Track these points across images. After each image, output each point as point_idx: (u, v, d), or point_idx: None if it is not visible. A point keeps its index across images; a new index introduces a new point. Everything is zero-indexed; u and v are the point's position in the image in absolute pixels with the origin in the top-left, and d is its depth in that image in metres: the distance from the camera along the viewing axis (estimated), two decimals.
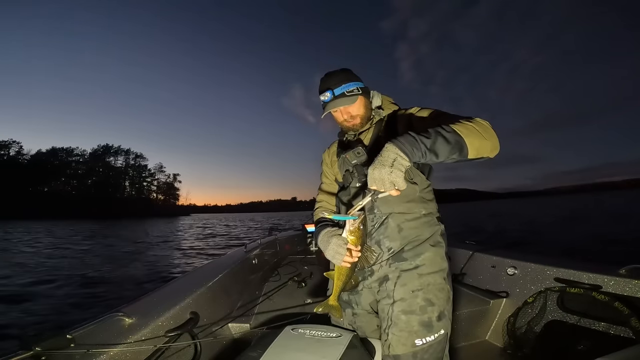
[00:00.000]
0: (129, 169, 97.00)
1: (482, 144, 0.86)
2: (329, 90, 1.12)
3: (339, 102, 1.11)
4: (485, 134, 0.87)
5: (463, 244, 2.67)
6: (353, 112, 1.16)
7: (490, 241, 10.31)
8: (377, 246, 1.11)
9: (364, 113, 1.17)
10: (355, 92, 1.13)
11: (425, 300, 1.00)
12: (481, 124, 0.89)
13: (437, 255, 1.09)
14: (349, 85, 1.13)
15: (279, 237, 3.87)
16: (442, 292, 1.04)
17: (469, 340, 2.02)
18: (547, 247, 10.19)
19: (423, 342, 0.97)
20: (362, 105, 1.16)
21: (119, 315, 1.28)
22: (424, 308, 0.99)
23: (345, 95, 1.12)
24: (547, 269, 1.89)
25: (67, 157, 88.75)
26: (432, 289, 1.02)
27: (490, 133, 0.89)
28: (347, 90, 1.12)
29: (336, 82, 1.13)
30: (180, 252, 11.72)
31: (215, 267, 2.24)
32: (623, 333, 1.47)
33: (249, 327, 1.86)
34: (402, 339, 0.98)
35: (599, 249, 8.97)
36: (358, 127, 1.19)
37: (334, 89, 1.12)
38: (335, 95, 1.12)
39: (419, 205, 1.12)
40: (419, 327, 0.98)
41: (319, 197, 1.40)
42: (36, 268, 8.16)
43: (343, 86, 1.12)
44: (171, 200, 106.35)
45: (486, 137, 0.87)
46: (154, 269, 8.19)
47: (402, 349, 0.98)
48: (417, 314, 0.99)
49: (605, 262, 1.79)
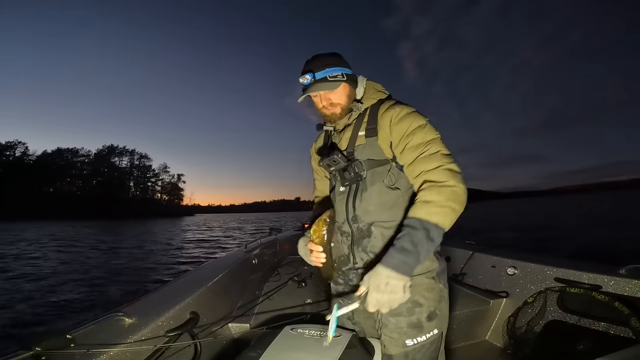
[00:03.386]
0: (133, 170, 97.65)
1: (452, 218, 0.87)
2: (310, 72, 1.02)
3: (319, 87, 1.01)
4: (459, 206, 0.86)
5: (463, 244, 2.66)
6: (334, 99, 1.05)
7: (491, 241, 10.24)
8: (364, 253, 1.07)
9: (345, 102, 1.06)
10: (339, 78, 1.03)
11: (412, 302, 0.98)
12: (454, 193, 0.86)
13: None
14: (333, 69, 1.02)
15: (279, 237, 3.87)
16: (431, 292, 1.01)
17: (469, 340, 2.02)
18: (547, 247, 10.12)
19: (414, 342, 0.97)
20: (344, 94, 1.05)
21: (119, 315, 1.29)
22: (411, 309, 0.98)
23: (327, 80, 1.01)
24: (547, 269, 1.89)
25: (73, 157, 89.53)
26: (419, 290, 1.00)
27: (461, 200, 0.87)
28: (330, 75, 1.02)
29: (320, 65, 1.02)
30: (181, 252, 11.79)
31: (215, 267, 2.25)
32: (623, 333, 1.46)
33: (249, 327, 1.86)
34: (393, 340, 0.99)
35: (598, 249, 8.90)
36: (337, 116, 1.08)
37: (316, 72, 1.01)
38: (316, 79, 1.01)
39: (402, 212, 1.02)
40: (408, 329, 0.97)
41: (315, 192, 1.38)
42: (42, 270, 8.26)
43: (326, 70, 1.02)
44: (175, 201, 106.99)
45: (458, 209, 0.86)
46: (154, 269, 8.26)
47: (395, 349, 0.98)
48: (405, 316, 0.98)
49: (605, 262, 1.78)
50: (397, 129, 0.98)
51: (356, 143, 1.06)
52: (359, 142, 1.06)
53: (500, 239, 12.55)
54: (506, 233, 14.99)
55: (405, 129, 0.97)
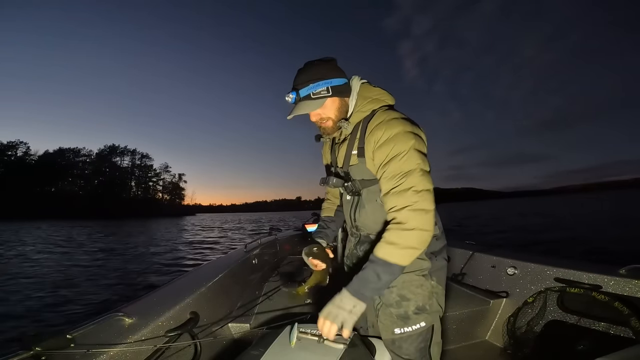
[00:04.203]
0: (135, 169, 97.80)
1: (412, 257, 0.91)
2: (293, 91, 1.01)
3: (303, 107, 1.01)
4: (420, 246, 0.90)
5: (463, 244, 2.66)
6: (323, 114, 1.04)
7: (491, 241, 10.22)
8: (365, 251, 1.18)
9: (335, 115, 1.06)
10: (323, 94, 1.00)
11: (399, 296, 1.08)
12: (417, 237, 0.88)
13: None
14: (317, 84, 0.99)
15: (279, 237, 3.87)
16: (420, 288, 1.07)
17: (469, 340, 2.02)
18: (547, 246, 10.10)
19: (401, 331, 1.06)
20: (332, 107, 1.04)
21: (119, 315, 1.29)
22: (399, 302, 1.07)
23: (310, 97, 1.00)
24: (547, 269, 1.88)
25: (74, 157, 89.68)
26: (407, 286, 1.07)
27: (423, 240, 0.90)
28: (314, 92, 0.99)
29: (304, 80, 1.00)
30: (182, 252, 11.82)
31: (215, 267, 2.25)
32: (623, 333, 1.46)
33: (249, 327, 1.87)
34: (384, 327, 1.11)
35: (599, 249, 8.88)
36: (330, 129, 1.08)
37: (300, 90, 1.00)
38: (300, 96, 1.01)
39: None
40: (396, 319, 1.07)
41: (327, 195, 1.44)
42: (42, 270, 8.29)
43: (310, 86, 0.99)
44: (177, 200, 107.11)
45: (420, 249, 0.90)
46: (154, 269, 8.28)
47: (385, 335, 1.10)
48: (394, 307, 1.08)
49: (605, 262, 1.78)
50: (378, 154, 0.98)
51: (350, 162, 1.09)
52: (352, 161, 1.08)
53: (500, 239, 12.53)
54: (506, 233, 14.96)
55: (385, 156, 0.96)
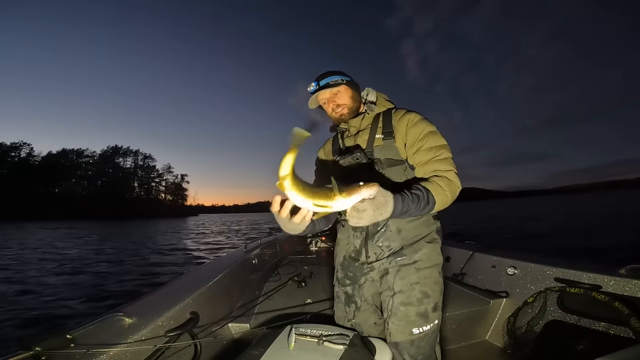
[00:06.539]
0: (137, 170, 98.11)
1: (444, 206, 1.03)
2: (315, 82, 1.24)
3: (321, 93, 1.23)
4: (453, 198, 1.04)
5: (463, 244, 2.66)
6: (339, 101, 1.24)
7: (491, 241, 10.19)
8: (378, 247, 1.20)
9: (350, 103, 1.25)
10: (339, 82, 1.22)
11: (422, 293, 1.10)
12: (456, 190, 1.04)
13: (434, 251, 1.20)
14: (334, 77, 1.23)
15: (279, 237, 3.88)
16: (437, 285, 1.15)
17: (469, 340, 2.01)
18: (547, 246, 10.05)
19: (420, 330, 1.07)
20: (346, 95, 1.24)
21: (119, 315, 1.30)
22: (421, 300, 1.09)
23: (329, 85, 1.22)
24: (547, 269, 1.88)
25: (77, 158, 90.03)
26: (429, 282, 1.12)
27: (456, 196, 1.04)
28: (332, 80, 1.22)
29: (323, 76, 1.24)
30: (182, 252, 11.85)
31: (215, 267, 2.26)
32: (623, 333, 1.45)
33: (249, 327, 1.87)
34: (400, 328, 1.09)
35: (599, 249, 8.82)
36: (346, 117, 1.25)
37: (320, 81, 1.23)
38: (320, 86, 1.22)
39: None
40: (416, 318, 1.08)
41: None
42: (42, 270, 8.35)
43: (328, 78, 1.23)
44: (179, 201, 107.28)
45: (451, 200, 1.03)
46: (155, 269, 8.31)
47: (401, 337, 1.09)
48: (415, 305, 1.09)
49: (605, 262, 1.77)
50: (412, 132, 1.14)
51: (374, 144, 1.21)
52: (377, 143, 1.21)
53: (501, 239, 12.48)
54: (506, 233, 14.89)
55: (420, 133, 1.13)
